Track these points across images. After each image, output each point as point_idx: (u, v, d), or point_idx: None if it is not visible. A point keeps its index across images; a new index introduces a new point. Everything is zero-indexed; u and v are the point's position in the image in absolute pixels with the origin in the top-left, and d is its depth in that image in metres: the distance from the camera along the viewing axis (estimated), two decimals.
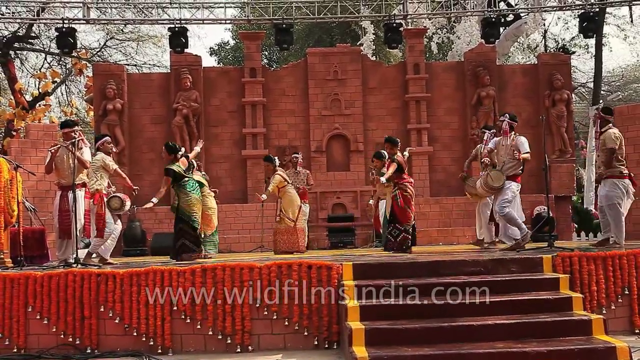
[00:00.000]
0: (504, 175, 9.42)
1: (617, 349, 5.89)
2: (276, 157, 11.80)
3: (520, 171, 9.53)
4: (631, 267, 7.52)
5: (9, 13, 17.95)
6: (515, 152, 9.36)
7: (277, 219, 11.28)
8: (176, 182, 9.70)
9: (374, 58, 22.05)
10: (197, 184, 10.06)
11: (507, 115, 9.78)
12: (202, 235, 10.53)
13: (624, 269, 7.49)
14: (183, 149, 10.41)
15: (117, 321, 7.17)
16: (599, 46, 21.85)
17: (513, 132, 9.59)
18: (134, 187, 9.75)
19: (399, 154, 10.17)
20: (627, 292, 7.46)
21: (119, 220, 9.56)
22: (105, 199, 9.06)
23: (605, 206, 9.12)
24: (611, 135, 9.11)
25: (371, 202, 13.18)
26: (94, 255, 9.29)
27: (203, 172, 12.30)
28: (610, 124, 9.30)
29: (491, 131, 10.42)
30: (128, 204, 9.45)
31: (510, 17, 23.07)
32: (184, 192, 9.72)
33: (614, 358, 5.84)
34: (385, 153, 10.69)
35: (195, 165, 10.97)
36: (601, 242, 9.40)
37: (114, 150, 10.18)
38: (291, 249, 11.04)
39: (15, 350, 7.15)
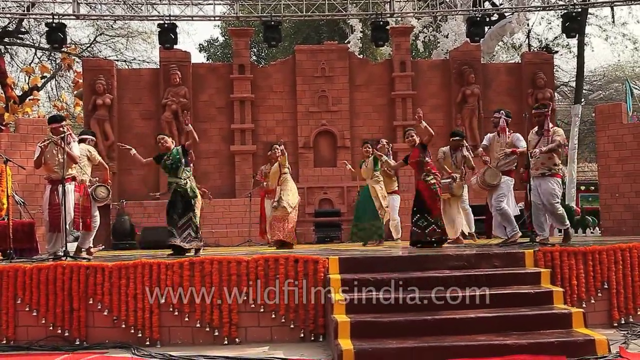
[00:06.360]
0: (500, 171, 9.54)
1: (596, 341, 6.04)
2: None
3: (514, 167, 9.66)
4: (610, 262, 7.67)
5: None
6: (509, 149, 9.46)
7: (274, 204, 10.53)
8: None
9: (361, 56, 22.15)
10: None
11: (503, 112, 9.88)
12: None
13: (603, 264, 7.64)
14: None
15: (105, 313, 7.23)
16: (581, 46, 22.02)
17: (508, 129, 9.72)
18: (109, 181, 9.88)
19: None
20: (606, 287, 7.61)
21: (97, 210, 9.67)
22: (90, 190, 9.13)
23: (551, 202, 8.93)
24: (560, 131, 9.17)
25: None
26: (83, 250, 9.36)
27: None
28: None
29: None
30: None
31: (495, 17, 23.18)
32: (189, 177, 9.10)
33: (592, 350, 5.98)
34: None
35: None
36: (565, 237, 9.34)
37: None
38: (287, 239, 10.42)
39: (4, 341, 7.19)
